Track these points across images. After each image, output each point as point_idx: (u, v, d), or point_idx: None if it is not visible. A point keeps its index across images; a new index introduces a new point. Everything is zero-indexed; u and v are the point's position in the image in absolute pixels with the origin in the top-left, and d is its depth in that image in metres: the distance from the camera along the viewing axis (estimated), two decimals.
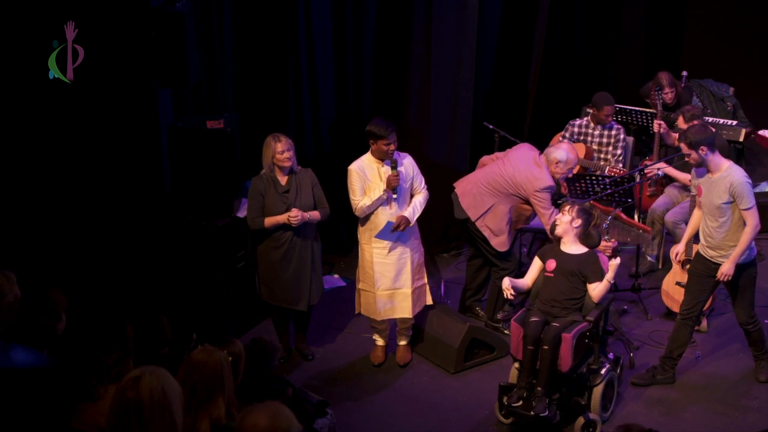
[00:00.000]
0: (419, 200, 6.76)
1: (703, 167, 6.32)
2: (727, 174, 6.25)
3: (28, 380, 4.21)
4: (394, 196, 6.63)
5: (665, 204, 7.99)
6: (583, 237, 6.25)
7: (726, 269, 6.31)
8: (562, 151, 7.00)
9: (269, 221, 6.62)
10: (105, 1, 6.35)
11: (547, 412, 5.96)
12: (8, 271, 4.80)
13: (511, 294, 6.24)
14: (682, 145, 6.28)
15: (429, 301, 6.98)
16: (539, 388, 6.00)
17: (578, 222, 6.22)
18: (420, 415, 6.47)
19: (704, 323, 7.34)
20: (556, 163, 6.98)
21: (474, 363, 6.97)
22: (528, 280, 6.38)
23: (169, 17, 6.48)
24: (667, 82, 8.54)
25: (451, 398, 6.65)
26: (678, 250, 6.77)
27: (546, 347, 5.96)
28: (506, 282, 6.24)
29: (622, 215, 7.50)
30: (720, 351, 7.11)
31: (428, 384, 6.84)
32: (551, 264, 6.27)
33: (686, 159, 6.37)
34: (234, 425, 3.60)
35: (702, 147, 6.20)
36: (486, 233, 7.09)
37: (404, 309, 6.84)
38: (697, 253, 6.55)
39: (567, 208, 6.28)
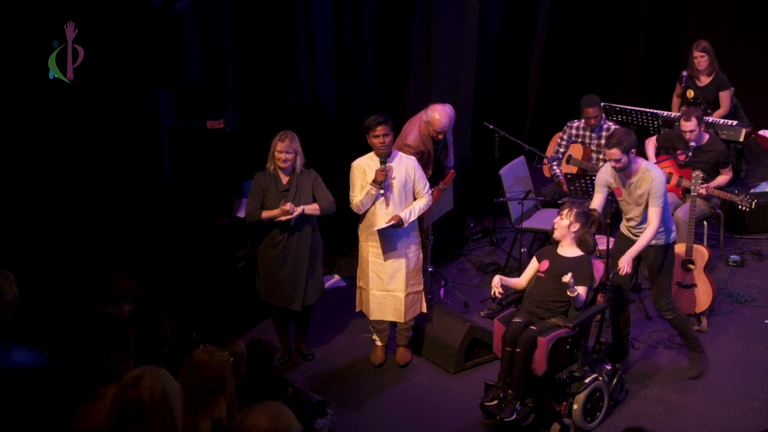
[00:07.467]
0: (419, 204, 6.75)
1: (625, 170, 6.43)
2: (646, 173, 6.38)
3: (28, 380, 4.20)
4: (381, 191, 6.63)
5: (674, 203, 7.97)
6: (579, 241, 6.23)
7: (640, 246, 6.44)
8: (428, 112, 7.30)
9: (266, 214, 6.62)
10: (105, 1, 6.35)
11: (514, 416, 5.94)
12: (6, 270, 4.79)
13: (499, 292, 6.18)
14: (615, 151, 6.29)
15: (424, 309, 6.97)
16: (510, 392, 5.97)
17: (576, 226, 6.19)
18: (420, 415, 6.48)
19: (704, 323, 7.35)
20: (426, 123, 7.31)
21: (474, 363, 6.97)
22: (523, 279, 6.38)
23: (169, 17, 6.48)
24: (701, 48, 8.89)
25: (451, 398, 6.65)
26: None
27: (518, 350, 5.92)
28: (496, 279, 6.20)
29: None
30: (720, 351, 7.10)
31: (428, 384, 6.84)
32: (544, 265, 6.26)
33: (612, 165, 6.40)
34: (234, 425, 3.60)
35: (632, 150, 6.34)
36: None
37: (396, 312, 6.83)
38: (620, 234, 6.73)
39: (565, 211, 6.24)
